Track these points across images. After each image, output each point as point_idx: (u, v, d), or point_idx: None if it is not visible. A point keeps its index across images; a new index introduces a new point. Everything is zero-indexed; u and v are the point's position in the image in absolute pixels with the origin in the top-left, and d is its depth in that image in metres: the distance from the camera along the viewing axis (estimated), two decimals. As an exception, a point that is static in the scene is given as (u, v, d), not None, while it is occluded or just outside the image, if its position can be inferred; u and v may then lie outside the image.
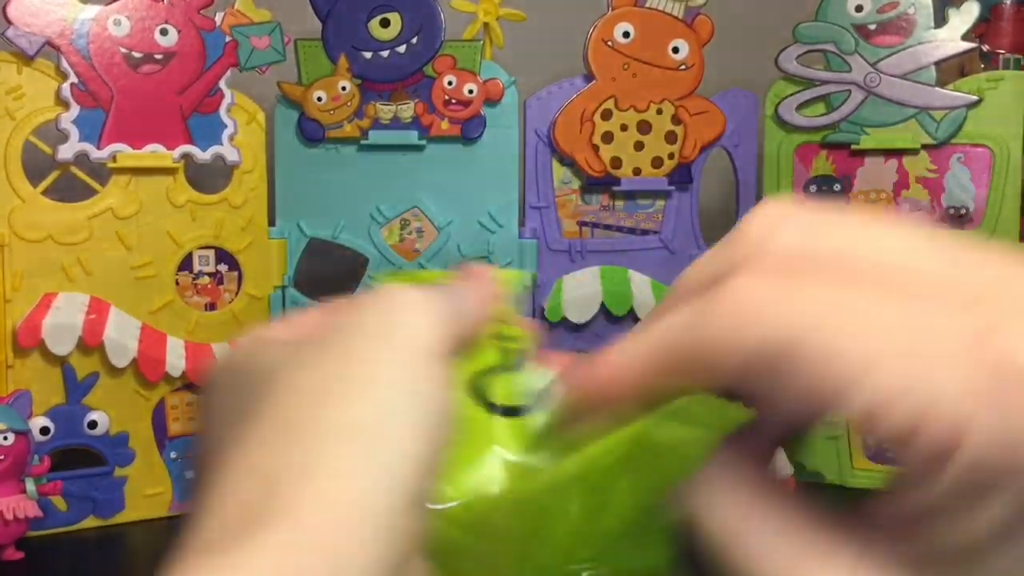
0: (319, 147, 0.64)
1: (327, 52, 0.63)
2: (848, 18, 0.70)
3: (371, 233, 0.66)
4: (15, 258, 0.57)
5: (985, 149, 0.69)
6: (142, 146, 0.59)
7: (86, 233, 0.59)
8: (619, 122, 0.69)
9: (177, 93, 0.60)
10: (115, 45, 0.58)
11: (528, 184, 0.69)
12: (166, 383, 0.61)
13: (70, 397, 0.59)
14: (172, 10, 0.59)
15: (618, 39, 0.68)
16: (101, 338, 0.57)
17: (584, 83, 0.68)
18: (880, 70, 0.69)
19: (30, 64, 0.57)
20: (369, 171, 0.65)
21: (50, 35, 0.56)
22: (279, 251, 0.65)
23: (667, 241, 0.72)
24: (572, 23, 0.68)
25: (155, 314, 0.61)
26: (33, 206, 0.58)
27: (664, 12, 0.68)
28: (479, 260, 0.68)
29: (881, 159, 0.72)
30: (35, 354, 0.58)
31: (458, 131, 0.65)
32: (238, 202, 0.63)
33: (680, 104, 0.69)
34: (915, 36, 0.69)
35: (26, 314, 0.57)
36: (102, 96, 0.58)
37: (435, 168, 0.66)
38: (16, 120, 0.57)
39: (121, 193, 0.60)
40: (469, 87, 0.65)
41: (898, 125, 0.70)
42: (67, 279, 0.59)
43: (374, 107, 0.64)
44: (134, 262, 0.60)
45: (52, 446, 0.58)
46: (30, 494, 0.55)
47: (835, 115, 0.71)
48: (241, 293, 0.64)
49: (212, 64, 0.60)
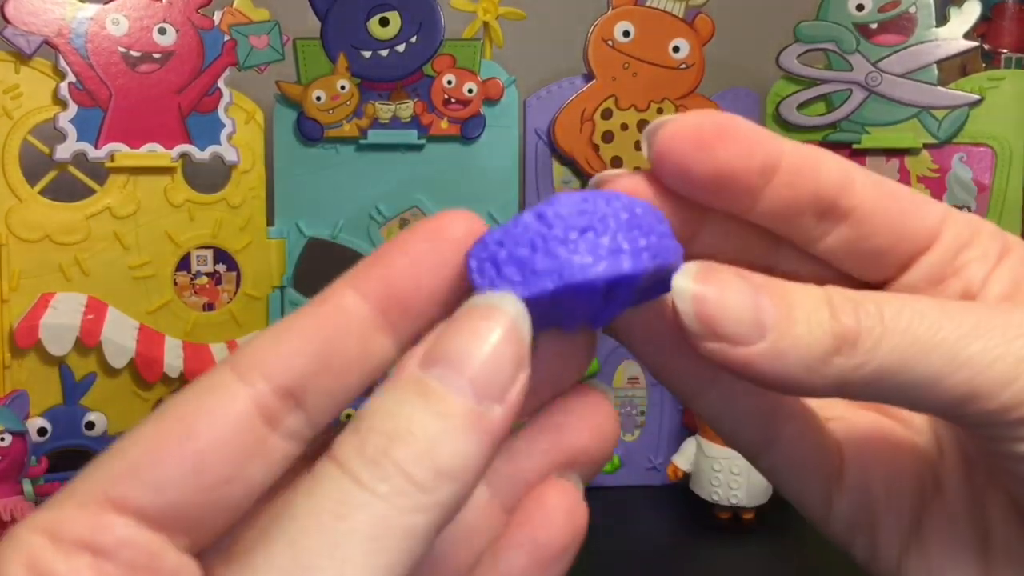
0: (318, 146, 0.64)
1: (326, 51, 0.62)
2: (849, 17, 0.69)
3: (370, 233, 0.66)
4: (12, 258, 0.57)
5: (987, 148, 0.69)
6: (140, 145, 0.59)
7: (84, 233, 0.59)
8: (619, 121, 0.68)
9: (175, 92, 0.60)
10: (113, 44, 0.58)
11: (528, 184, 0.69)
12: (164, 384, 0.61)
13: (68, 398, 0.59)
14: (170, 9, 0.59)
15: (618, 38, 0.67)
16: (99, 338, 0.57)
17: (584, 82, 0.68)
18: (881, 69, 0.69)
19: (27, 63, 0.57)
20: (368, 171, 0.65)
21: (48, 34, 0.56)
22: (278, 251, 0.64)
23: (667, 241, 0.72)
24: (572, 22, 0.68)
25: (153, 314, 0.61)
26: (30, 206, 0.58)
27: (665, 11, 0.68)
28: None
29: (882, 159, 0.72)
30: (32, 354, 0.58)
31: (458, 130, 0.65)
32: (236, 202, 0.62)
33: (681, 103, 0.69)
34: (916, 35, 0.68)
35: (23, 314, 0.57)
36: (100, 95, 0.58)
37: (434, 168, 0.66)
38: (13, 119, 0.57)
39: (119, 193, 0.59)
40: (469, 86, 0.64)
41: (899, 124, 0.70)
42: (64, 279, 0.58)
43: (373, 106, 0.64)
44: (132, 262, 0.60)
45: (50, 447, 0.58)
46: (28, 495, 0.55)
47: (836, 114, 0.71)
48: (239, 293, 0.64)
49: (210, 63, 0.60)
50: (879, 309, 0.18)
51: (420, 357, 0.17)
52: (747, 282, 0.18)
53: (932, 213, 0.21)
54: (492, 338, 0.16)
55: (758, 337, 0.18)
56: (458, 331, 0.17)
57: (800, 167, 0.20)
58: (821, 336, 0.18)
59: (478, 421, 0.16)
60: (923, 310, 0.18)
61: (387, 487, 0.15)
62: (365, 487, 0.15)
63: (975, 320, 0.18)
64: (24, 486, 0.55)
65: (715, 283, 0.18)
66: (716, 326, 0.18)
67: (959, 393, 0.18)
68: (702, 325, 0.18)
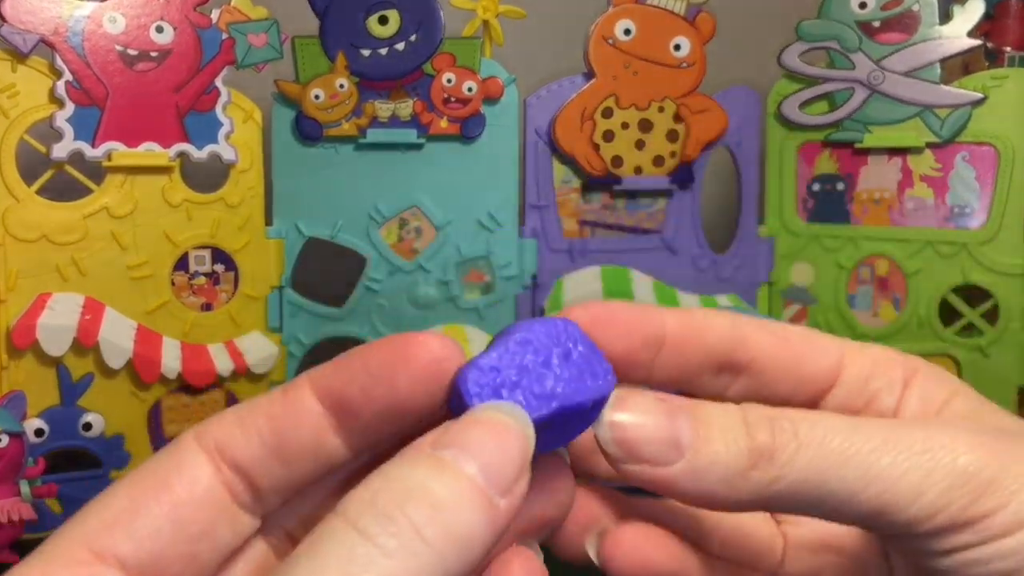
0: (317, 146, 0.64)
1: (325, 50, 0.62)
2: (852, 15, 0.69)
3: (369, 233, 0.65)
4: (9, 258, 0.57)
5: (990, 147, 0.68)
6: (137, 144, 0.59)
7: (81, 233, 0.58)
8: (620, 120, 0.68)
9: (173, 91, 0.59)
10: (110, 43, 0.57)
11: (528, 183, 0.68)
12: (162, 384, 0.60)
13: (65, 398, 0.58)
14: (168, 7, 0.59)
15: (619, 36, 0.67)
16: (96, 339, 0.57)
17: (585, 81, 0.67)
18: (884, 67, 0.69)
19: (24, 62, 0.56)
20: (367, 170, 0.65)
21: (44, 33, 0.56)
22: (276, 251, 0.64)
23: (668, 240, 0.71)
24: (572, 20, 0.68)
25: (151, 315, 0.60)
26: (27, 205, 0.57)
27: (666, 9, 0.67)
28: (479, 260, 0.67)
29: (885, 157, 0.71)
30: (29, 355, 0.57)
31: (457, 129, 0.65)
32: (235, 201, 0.62)
33: (682, 102, 0.68)
34: (919, 33, 0.68)
35: (20, 315, 0.56)
36: (97, 94, 0.57)
37: (434, 167, 0.66)
38: (10, 119, 0.56)
39: (116, 192, 0.59)
40: (468, 85, 0.64)
41: (902, 123, 0.69)
42: (61, 279, 0.58)
43: (372, 105, 0.63)
44: (129, 262, 0.60)
45: (47, 448, 0.58)
46: (25, 497, 0.54)
47: (838, 113, 0.71)
48: (238, 293, 0.63)
49: (208, 62, 0.60)
50: (794, 425, 0.19)
51: (430, 441, 0.17)
52: (663, 404, 0.19)
53: (828, 353, 0.22)
54: (504, 435, 0.17)
55: (676, 457, 0.19)
56: (473, 424, 0.17)
57: (685, 336, 0.21)
58: (737, 453, 0.19)
59: (487, 501, 0.16)
60: (836, 426, 0.19)
61: (396, 543, 0.15)
62: (374, 543, 0.15)
63: (884, 435, 0.19)
64: (21, 487, 0.54)
65: (629, 409, 0.19)
66: (634, 450, 0.19)
67: (872, 506, 0.18)
68: (620, 449, 0.19)
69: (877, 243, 0.72)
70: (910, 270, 0.71)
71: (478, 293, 0.67)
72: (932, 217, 0.70)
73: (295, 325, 0.65)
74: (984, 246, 0.68)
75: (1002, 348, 0.68)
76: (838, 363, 0.22)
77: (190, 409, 0.62)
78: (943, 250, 0.70)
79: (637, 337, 0.21)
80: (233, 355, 0.61)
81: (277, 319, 0.64)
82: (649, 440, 0.19)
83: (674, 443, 0.18)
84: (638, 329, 0.21)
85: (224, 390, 0.63)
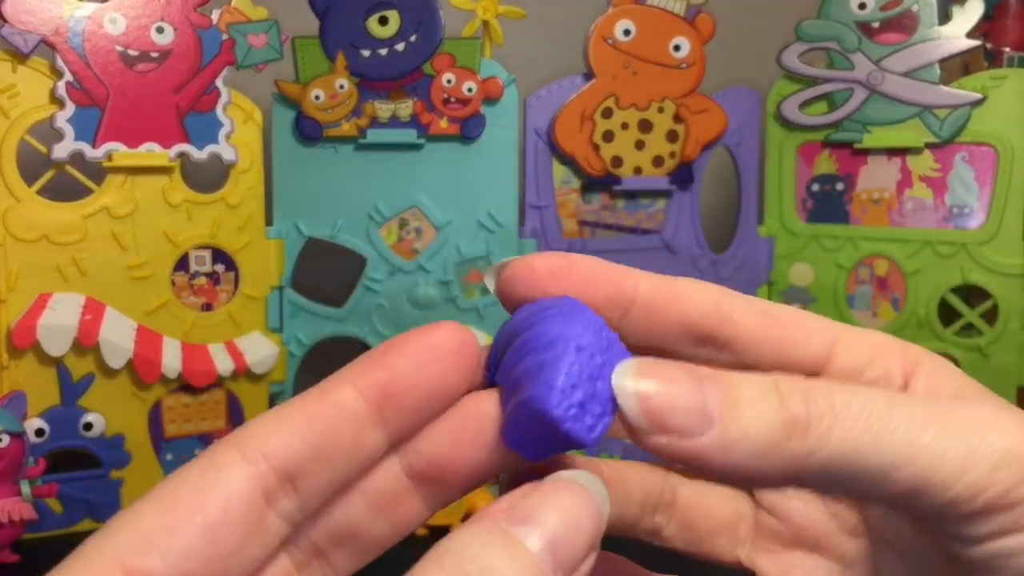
0: (317, 146, 0.64)
1: (325, 50, 0.62)
2: (851, 15, 0.69)
3: (369, 233, 0.66)
4: (10, 258, 0.57)
5: (989, 148, 0.68)
6: (138, 145, 0.59)
7: (81, 233, 0.58)
8: (620, 120, 0.68)
9: (173, 91, 0.59)
10: (111, 43, 0.57)
11: (528, 183, 0.68)
12: (162, 384, 0.60)
13: (65, 398, 0.58)
14: (168, 8, 0.59)
15: (619, 37, 0.67)
16: (96, 339, 0.57)
17: (584, 81, 0.68)
18: (883, 68, 0.69)
19: (25, 62, 0.56)
20: (367, 170, 0.65)
21: (45, 33, 0.56)
22: (276, 251, 0.64)
23: (668, 241, 0.71)
24: (572, 21, 0.68)
25: (151, 315, 0.61)
26: (28, 206, 0.57)
27: (665, 10, 0.67)
28: (479, 260, 0.67)
29: (884, 158, 0.72)
30: (30, 355, 0.57)
31: (457, 130, 0.65)
32: (235, 201, 0.62)
33: (681, 102, 0.69)
34: (919, 34, 0.68)
35: (21, 315, 0.56)
36: (97, 95, 0.57)
37: (434, 167, 0.66)
38: (11, 119, 0.56)
39: (117, 192, 0.59)
40: (468, 85, 0.64)
41: (901, 123, 0.69)
42: (62, 279, 0.58)
43: (372, 105, 0.63)
44: (130, 262, 0.60)
45: (47, 448, 0.58)
46: (25, 496, 0.54)
47: (838, 113, 0.71)
48: (238, 293, 0.63)
49: (209, 62, 0.60)
50: (829, 397, 0.18)
51: (505, 510, 0.17)
52: (691, 374, 0.18)
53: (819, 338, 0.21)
54: (577, 513, 0.17)
55: (707, 427, 0.18)
56: (548, 497, 0.17)
57: (658, 301, 0.21)
58: (770, 423, 0.18)
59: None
60: (874, 399, 0.18)
61: None
62: None
63: (925, 411, 0.18)
64: (22, 487, 0.55)
65: (657, 377, 0.18)
66: (662, 420, 0.18)
67: (910, 485, 0.18)
68: (648, 420, 0.18)
69: (876, 243, 0.72)
70: (909, 270, 0.71)
71: (478, 293, 0.67)
72: (931, 217, 0.71)
73: (295, 325, 0.65)
74: (983, 246, 0.68)
75: (1001, 348, 0.68)
76: (829, 349, 0.21)
77: (190, 409, 0.62)
78: (942, 250, 0.70)
79: (600, 293, 0.20)
80: (233, 355, 0.61)
81: (277, 319, 0.64)
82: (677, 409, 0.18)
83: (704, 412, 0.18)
84: (601, 285, 0.20)
85: (224, 390, 0.63)
